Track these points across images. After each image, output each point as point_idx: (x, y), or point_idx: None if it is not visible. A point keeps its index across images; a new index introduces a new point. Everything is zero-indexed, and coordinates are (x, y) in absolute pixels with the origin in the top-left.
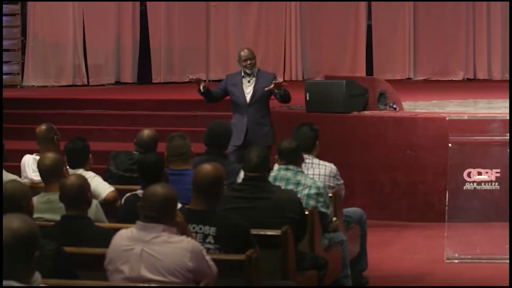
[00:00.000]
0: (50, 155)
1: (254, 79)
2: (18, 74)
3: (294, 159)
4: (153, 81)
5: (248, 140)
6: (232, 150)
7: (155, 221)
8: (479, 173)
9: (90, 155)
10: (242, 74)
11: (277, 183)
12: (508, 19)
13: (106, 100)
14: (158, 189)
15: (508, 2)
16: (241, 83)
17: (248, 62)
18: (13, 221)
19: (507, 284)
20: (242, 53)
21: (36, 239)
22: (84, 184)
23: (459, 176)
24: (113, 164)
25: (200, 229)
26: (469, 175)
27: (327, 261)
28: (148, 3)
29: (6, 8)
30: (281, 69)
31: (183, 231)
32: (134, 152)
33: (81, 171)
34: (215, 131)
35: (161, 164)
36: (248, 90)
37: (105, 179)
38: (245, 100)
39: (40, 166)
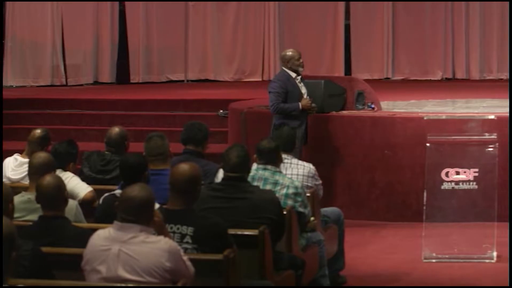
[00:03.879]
0: (43, 155)
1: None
2: None
3: (272, 159)
4: (131, 81)
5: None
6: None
7: (132, 222)
8: (457, 173)
9: (73, 163)
10: (294, 76)
11: (255, 183)
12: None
13: (84, 100)
14: (136, 190)
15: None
16: (296, 84)
17: (301, 60)
18: None
19: (484, 283)
20: (293, 53)
21: (14, 241)
22: (60, 184)
23: (437, 176)
24: (86, 165)
25: (178, 229)
26: (447, 174)
27: (305, 261)
28: (126, 3)
29: None
30: (259, 69)
31: (160, 231)
32: (106, 152)
33: (58, 171)
34: (192, 130)
35: (144, 165)
36: (303, 90)
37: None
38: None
39: (31, 164)
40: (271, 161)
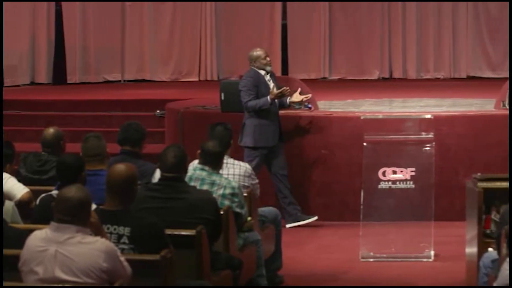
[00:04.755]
0: None
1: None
2: None
3: (213, 162)
4: (68, 82)
5: (280, 138)
6: (262, 153)
7: (69, 222)
8: (394, 172)
9: (9, 164)
10: (263, 73)
11: (192, 183)
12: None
13: (21, 101)
14: (72, 191)
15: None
16: (265, 82)
17: (268, 58)
18: None
19: (422, 282)
20: (260, 52)
21: None
22: None
23: (374, 175)
24: (23, 166)
25: (115, 229)
26: (384, 174)
27: (242, 261)
28: (63, 3)
29: None
30: (196, 69)
31: (97, 232)
32: (42, 153)
33: None
34: (129, 131)
35: (81, 166)
36: (271, 86)
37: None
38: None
39: None
40: (210, 164)
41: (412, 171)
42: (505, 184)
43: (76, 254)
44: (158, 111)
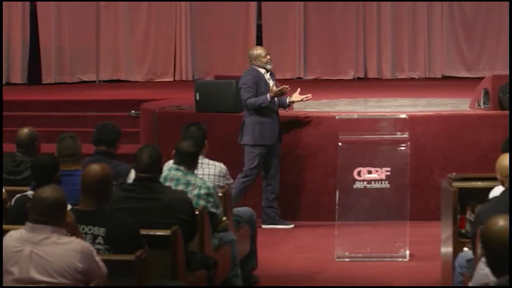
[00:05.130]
0: None
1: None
2: None
3: (188, 163)
4: (43, 82)
5: (279, 138)
6: (262, 151)
7: (44, 223)
8: (369, 172)
9: None
10: (263, 72)
11: (167, 183)
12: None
13: None
14: (48, 192)
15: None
16: (266, 80)
17: (269, 56)
18: None
19: (398, 282)
20: (260, 51)
21: None
22: None
23: (349, 175)
24: None
25: (90, 229)
26: (359, 174)
27: (217, 261)
28: (38, 3)
29: None
30: (171, 69)
31: (73, 232)
32: (17, 153)
33: None
34: (104, 131)
35: (55, 166)
36: (271, 85)
37: None
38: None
39: None
40: (185, 164)
41: (387, 171)
42: (480, 184)
43: (51, 255)
44: (133, 111)
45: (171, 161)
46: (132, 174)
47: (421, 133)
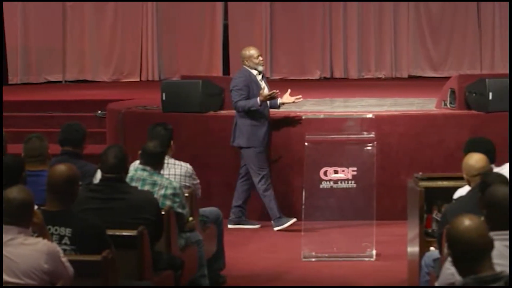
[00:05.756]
0: None
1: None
2: None
3: (154, 163)
4: (10, 82)
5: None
6: (260, 151)
7: (11, 224)
8: (336, 172)
9: None
10: (255, 73)
11: (134, 184)
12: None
13: None
14: (14, 192)
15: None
16: (257, 82)
17: (261, 58)
18: None
19: (364, 282)
20: (253, 51)
21: None
22: None
23: (315, 175)
24: None
25: (56, 230)
26: (325, 173)
27: (184, 261)
28: (3, 3)
29: None
30: (137, 69)
31: (41, 233)
32: None
33: None
34: (70, 131)
35: (21, 167)
36: (263, 86)
37: None
38: None
39: None
40: (151, 164)
41: (353, 171)
42: (447, 183)
43: (17, 256)
44: (99, 111)
45: (137, 162)
46: (98, 175)
47: (388, 132)
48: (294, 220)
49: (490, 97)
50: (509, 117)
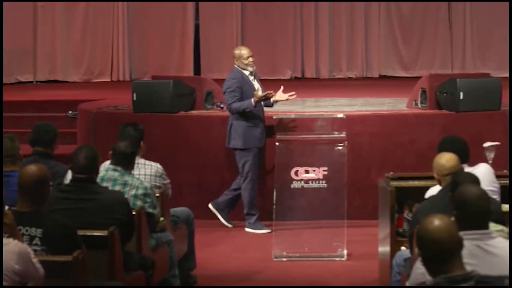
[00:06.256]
0: None
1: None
2: None
3: (125, 163)
4: None
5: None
6: (255, 153)
7: None
8: (307, 172)
9: None
10: (247, 73)
11: (104, 184)
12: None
13: None
14: None
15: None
16: (250, 82)
17: (251, 59)
18: None
19: (336, 281)
20: (244, 51)
21: None
22: None
23: (286, 175)
24: None
25: (27, 230)
26: (296, 173)
27: (155, 261)
28: None
29: None
30: (108, 70)
31: (11, 233)
32: None
33: None
34: (40, 132)
35: None
36: (256, 87)
37: None
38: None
39: None
40: (123, 165)
41: (324, 171)
42: (417, 183)
43: None
44: (70, 111)
45: (108, 162)
46: (69, 175)
47: (359, 132)
48: (268, 231)
49: (461, 97)
50: (509, 117)
